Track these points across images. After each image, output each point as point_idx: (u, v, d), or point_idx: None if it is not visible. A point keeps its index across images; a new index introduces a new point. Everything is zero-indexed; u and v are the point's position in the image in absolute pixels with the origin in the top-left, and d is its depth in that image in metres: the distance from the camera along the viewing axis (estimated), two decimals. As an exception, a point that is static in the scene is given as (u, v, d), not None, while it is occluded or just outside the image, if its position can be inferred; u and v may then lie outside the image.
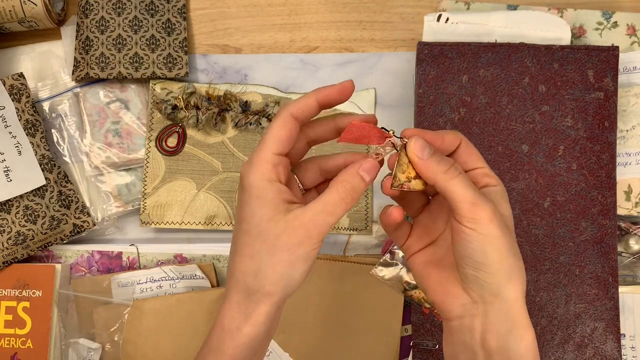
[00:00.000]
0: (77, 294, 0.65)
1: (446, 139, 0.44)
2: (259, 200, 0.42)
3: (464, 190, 0.41)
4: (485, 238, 0.41)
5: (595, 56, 0.64)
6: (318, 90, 0.44)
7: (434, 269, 0.45)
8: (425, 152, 0.42)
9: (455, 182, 0.41)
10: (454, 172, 0.41)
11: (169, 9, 0.70)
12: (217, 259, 0.67)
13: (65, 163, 0.68)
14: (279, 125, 0.42)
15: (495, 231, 0.41)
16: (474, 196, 0.41)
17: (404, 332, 0.65)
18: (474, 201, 0.40)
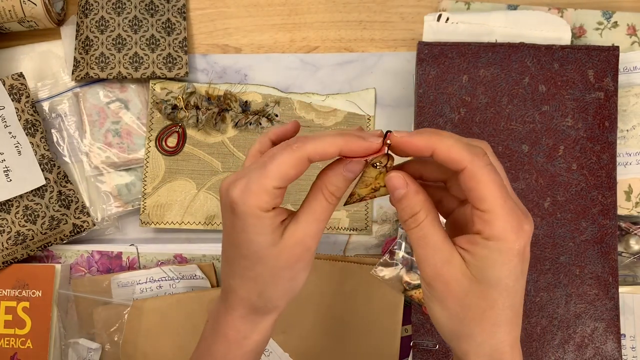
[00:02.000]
0: (77, 294, 0.65)
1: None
2: (256, 228, 0.39)
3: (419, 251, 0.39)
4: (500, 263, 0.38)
5: (595, 56, 0.64)
6: (345, 140, 0.39)
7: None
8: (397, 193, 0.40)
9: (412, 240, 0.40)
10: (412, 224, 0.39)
11: (168, 9, 0.70)
12: (217, 259, 0.67)
13: (65, 163, 0.68)
14: (291, 164, 0.39)
15: (512, 258, 0.38)
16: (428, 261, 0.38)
17: (404, 332, 0.65)
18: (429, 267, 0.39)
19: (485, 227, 0.37)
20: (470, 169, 0.37)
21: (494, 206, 0.37)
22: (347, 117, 0.69)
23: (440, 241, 0.38)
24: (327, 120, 0.69)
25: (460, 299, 0.38)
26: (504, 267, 0.37)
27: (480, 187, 0.37)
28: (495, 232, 0.37)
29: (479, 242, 0.37)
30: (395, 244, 0.65)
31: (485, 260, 0.37)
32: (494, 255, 0.37)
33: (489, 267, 0.37)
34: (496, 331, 0.39)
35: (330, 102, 0.69)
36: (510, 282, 0.38)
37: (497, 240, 0.37)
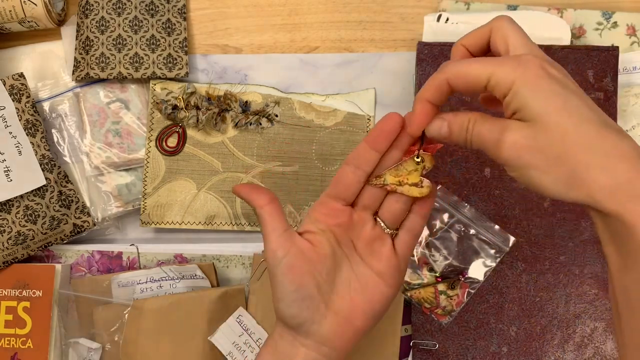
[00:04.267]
0: (77, 294, 0.65)
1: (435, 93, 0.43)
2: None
3: (484, 146, 0.41)
4: (520, 172, 0.39)
5: (595, 56, 0.64)
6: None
7: None
8: (442, 132, 0.43)
9: (475, 144, 0.42)
10: (469, 135, 0.42)
11: (169, 9, 0.70)
12: (217, 259, 0.67)
13: (66, 163, 0.68)
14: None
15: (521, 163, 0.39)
16: (490, 145, 0.40)
17: (404, 332, 0.65)
18: (493, 149, 0.40)
19: (499, 88, 0.39)
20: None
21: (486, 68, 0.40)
22: (347, 117, 0.69)
23: (491, 123, 0.40)
24: (327, 120, 0.69)
25: (541, 145, 0.38)
26: (535, 92, 0.38)
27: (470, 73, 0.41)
28: (506, 74, 0.39)
29: (508, 98, 0.39)
30: None
31: (520, 98, 0.38)
32: (521, 89, 0.38)
33: (529, 100, 0.38)
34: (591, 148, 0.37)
35: (330, 102, 0.69)
36: (556, 101, 0.38)
37: (508, 79, 0.39)
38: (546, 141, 0.38)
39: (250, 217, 0.68)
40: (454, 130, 0.43)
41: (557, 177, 0.38)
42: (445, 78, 0.42)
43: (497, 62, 0.40)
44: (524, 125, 0.39)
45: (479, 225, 0.57)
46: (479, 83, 0.40)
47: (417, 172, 0.45)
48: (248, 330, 0.63)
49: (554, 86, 0.38)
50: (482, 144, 0.41)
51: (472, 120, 0.42)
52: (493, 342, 0.63)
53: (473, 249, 0.58)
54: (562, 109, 0.38)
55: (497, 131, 0.40)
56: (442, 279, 0.58)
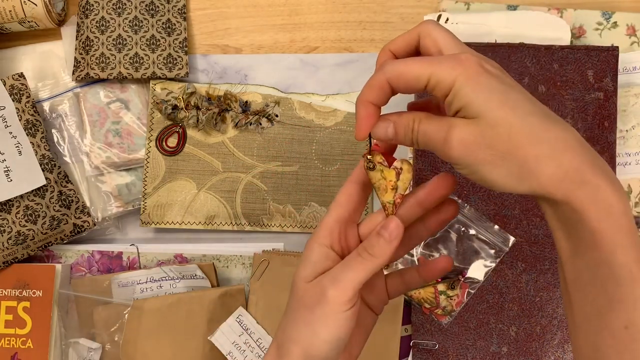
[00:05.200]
0: (77, 294, 0.65)
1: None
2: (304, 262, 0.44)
3: (431, 145, 0.40)
4: (469, 169, 0.39)
5: (595, 56, 0.64)
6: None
7: None
8: (388, 133, 0.42)
9: (421, 143, 0.41)
10: (414, 134, 0.41)
11: (169, 9, 0.70)
12: (217, 259, 0.67)
13: (66, 163, 0.68)
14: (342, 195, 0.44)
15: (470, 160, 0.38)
16: (437, 144, 0.40)
17: (404, 332, 0.65)
18: (440, 148, 0.40)
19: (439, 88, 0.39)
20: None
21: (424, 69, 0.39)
22: (347, 117, 0.69)
23: (435, 122, 0.40)
24: (327, 120, 0.69)
25: (488, 141, 0.38)
26: (477, 89, 0.38)
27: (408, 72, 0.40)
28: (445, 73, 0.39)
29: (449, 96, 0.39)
30: None
31: (463, 96, 0.38)
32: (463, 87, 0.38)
33: (471, 97, 0.38)
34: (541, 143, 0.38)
35: (330, 102, 0.69)
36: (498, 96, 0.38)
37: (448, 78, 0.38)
38: (493, 136, 0.38)
39: (250, 217, 0.68)
40: (399, 132, 0.42)
41: (508, 171, 0.38)
42: (385, 78, 0.41)
43: (436, 61, 0.39)
44: (470, 122, 0.38)
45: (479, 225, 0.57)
46: (420, 83, 0.40)
47: (385, 171, 0.43)
48: (248, 330, 0.63)
49: (494, 82, 0.38)
50: (429, 142, 0.40)
51: (416, 120, 0.41)
52: (493, 342, 0.63)
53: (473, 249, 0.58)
54: (505, 104, 0.38)
55: (443, 130, 0.39)
56: (442, 279, 0.58)
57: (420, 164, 0.65)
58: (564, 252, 0.40)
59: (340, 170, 0.69)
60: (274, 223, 0.68)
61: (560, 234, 0.40)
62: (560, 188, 0.37)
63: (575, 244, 0.39)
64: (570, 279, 0.40)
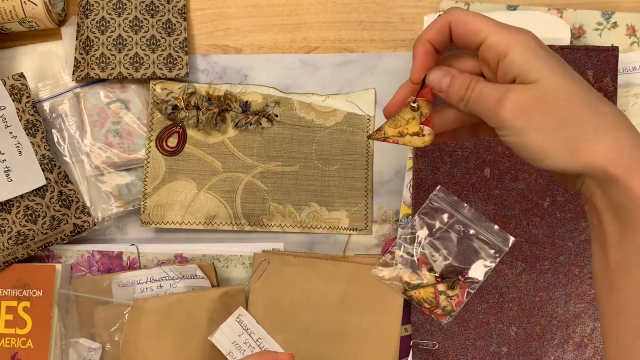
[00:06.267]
0: (77, 294, 0.65)
1: (430, 38, 0.43)
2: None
3: (481, 106, 0.40)
4: (518, 136, 0.39)
5: (594, 56, 0.64)
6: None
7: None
8: (443, 83, 0.43)
9: (471, 104, 0.41)
10: (468, 92, 0.41)
11: (169, 9, 0.70)
12: (217, 259, 0.67)
13: (66, 163, 0.68)
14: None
15: (522, 125, 0.38)
16: (489, 105, 0.40)
17: (404, 332, 0.65)
18: (492, 109, 0.40)
19: (496, 50, 0.40)
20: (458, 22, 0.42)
21: (487, 29, 0.40)
22: (347, 117, 0.69)
23: (493, 85, 0.40)
24: (327, 120, 0.69)
25: (546, 105, 0.38)
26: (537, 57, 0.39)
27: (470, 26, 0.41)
28: (503, 43, 0.39)
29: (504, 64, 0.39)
30: (395, 244, 0.65)
31: (522, 62, 0.39)
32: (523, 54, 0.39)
33: (532, 63, 0.39)
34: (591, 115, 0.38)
35: (330, 103, 0.69)
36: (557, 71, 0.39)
37: (511, 47, 0.39)
38: (552, 100, 0.38)
39: (250, 217, 0.68)
40: (454, 84, 0.42)
41: (561, 140, 0.38)
42: (448, 20, 0.42)
43: (500, 25, 0.40)
44: (528, 86, 0.38)
45: (479, 225, 0.57)
46: (478, 37, 0.40)
47: (415, 120, 0.44)
48: (248, 330, 0.63)
49: (552, 56, 0.39)
50: (481, 102, 0.40)
51: (475, 79, 0.41)
52: (493, 342, 0.63)
53: (473, 249, 0.58)
54: (566, 74, 0.38)
55: (500, 91, 0.39)
56: (441, 279, 0.58)
57: (420, 164, 0.65)
58: (610, 236, 0.39)
59: (340, 170, 0.69)
60: (274, 223, 0.68)
61: (609, 217, 0.39)
62: (618, 164, 0.37)
63: (624, 227, 0.38)
64: (615, 262, 0.39)
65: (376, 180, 0.69)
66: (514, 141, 0.40)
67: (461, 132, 0.47)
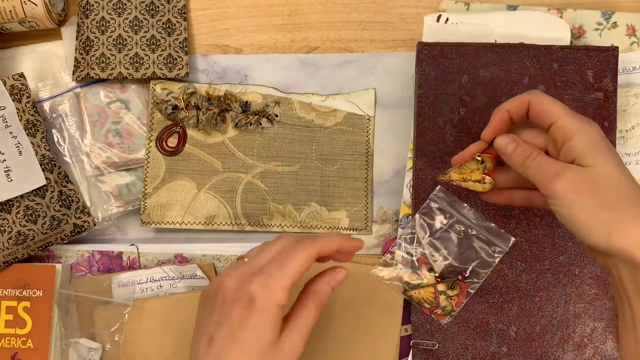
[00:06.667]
0: (77, 294, 0.65)
1: (510, 109, 0.50)
2: (270, 325, 0.43)
3: (539, 175, 0.47)
4: (566, 208, 0.45)
5: (594, 56, 0.64)
6: (342, 238, 0.49)
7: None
8: (508, 148, 0.49)
9: (531, 171, 0.47)
10: (528, 161, 0.48)
11: (169, 9, 0.70)
12: (217, 259, 0.67)
13: (66, 163, 0.68)
14: (304, 261, 0.45)
15: (572, 199, 0.44)
16: (545, 175, 0.46)
17: (404, 331, 0.65)
18: (546, 179, 0.46)
19: (565, 132, 0.47)
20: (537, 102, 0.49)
21: (560, 113, 0.47)
22: (347, 117, 0.69)
23: (553, 160, 0.47)
24: (327, 120, 0.69)
25: (597, 187, 0.44)
26: (598, 146, 0.45)
27: (546, 108, 0.48)
28: (572, 128, 0.46)
29: (568, 146, 0.46)
30: (395, 244, 0.65)
31: (583, 147, 0.45)
32: (586, 141, 0.46)
33: (592, 150, 0.45)
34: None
35: (330, 103, 0.70)
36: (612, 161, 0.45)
37: (577, 133, 0.46)
38: (602, 185, 0.44)
39: (250, 217, 0.68)
40: (517, 151, 0.49)
41: (604, 220, 0.43)
42: (529, 98, 0.49)
43: (570, 112, 0.47)
44: (584, 169, 0.45)
45: (479, 225, 0.57)
46: (550, 117, 0.47)
47: (478, 170, 0.53)
48: (248, 330, 0.63)
49: (610, 147, 0.46)
50: (539, 172, 0.47)
51: (536, 150, 0.48)
52: (493, 342, 0.63)
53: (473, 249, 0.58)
54: (618, 164, 0.45)
55: (559, 166, 0.46)
56: (441, 279, 0.58)
57: (420, 164, 0.65)
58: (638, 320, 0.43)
59: (340, 170, 0.69)
60: (274, 223, 0.68)
61: (638, 300, 0.43)
62: None
63: None
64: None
65: (376, 180, 0.69)
66: (561, 211, 0.46)
67: (518, 196, 0.54)
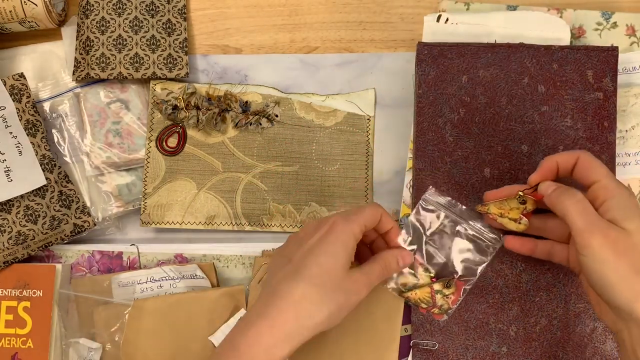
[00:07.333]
0: (77, 294, 0.65)
1: (559, 160, 0.53)
2: (345, 246, 0.51)
3: (577, 218, 0.47)
4: (599, 263, 0.46)
5: (594, 56, 0.64)
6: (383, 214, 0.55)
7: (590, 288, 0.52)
8: (550, 189, 0.51)
9: (570, 210, 0.48)
10: (569, 200, 0.49)
11: (169, 10, 0.70)
12: (217, 259, 0.67)
13: (66, 163, 0.68)
14: (372, 215, 0.53)
15: (608, 256, 0.46)
16: (585, 223, 0.47)
17: (404, 332, 0.65)
18: (585, 228, 0.46)
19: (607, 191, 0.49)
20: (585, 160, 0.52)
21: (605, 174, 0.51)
22: (347, 117, 0.69)
23: (596, 214, 0.48)
24: (327, 120, 0.69)
25: (629, 254, 0.46)
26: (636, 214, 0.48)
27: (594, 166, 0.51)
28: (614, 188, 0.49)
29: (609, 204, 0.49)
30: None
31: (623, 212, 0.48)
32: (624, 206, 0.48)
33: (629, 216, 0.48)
34: None
35: (330, 103, 0.70)
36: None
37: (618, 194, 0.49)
38: (633, 250, 0.46)
39: (250, 217, 0.68)
40: (555, 194, 0.50)
41: (631, 285, 0.45)
42: (577, 156, 0.51)
43: (612, 175, 0.50)
44: (626, 232, 0.47)
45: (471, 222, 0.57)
46: (594, 176, 0.50)
47: (518, 209, 0.55)
48: (248, 330, 0.63)
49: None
50: (582, 218, 0.48)
51: (583, 197, 0.49)
52: (493, 342, 0.63)
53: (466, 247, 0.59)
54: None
55: (602, 222, 0.47)
56: (437, 278, 0.58)
57: (420, 164, 0.65)
58: None
59: (340, 170, 0.69)
60: (274, 223, 0.68)
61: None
62: None
63: None
64: None
65: (376, 180, 0.69)
66: (591, 266, 0.47)
67: (541, 247, 0.57)
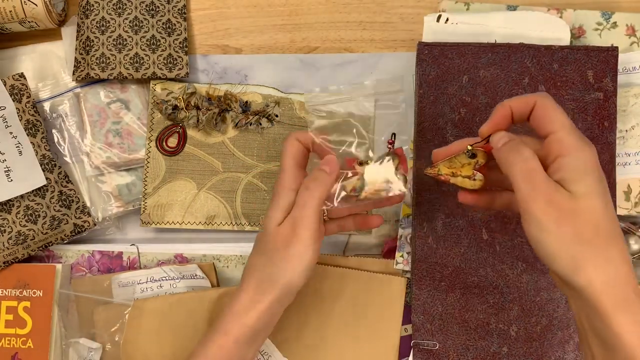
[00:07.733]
0: (77, 294, 0.65)
1: (514, 106, 0.47)
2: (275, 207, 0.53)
3: (521, 181, 0.43)
4: (539, 231, 0.42)
5: (594, 56, 0.64)
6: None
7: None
8: (500, 142, 0.47)
9: (514, 172, 0.44)
10: (515, 159, 0.44)
11: (169, 10, 0.70)
12: (217, 259, 0.67)
13: (66, 163, 0.68)
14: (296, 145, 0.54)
15: (549, 223, 0.41)
16: (528, 188, 0.42)
17: (404, 331, 0.65)
18: (528, 193, 0.42)
19: (561, 147, 0.43)
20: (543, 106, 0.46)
21: (563, 124, 0.44)
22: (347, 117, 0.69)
23: (546, 176, 0.43)
24: (327, 120, 0.69)
25: (571, 222, 0.41)
26: (588, 177, 0.42)
27: (551, 115, 0.45)
28: (570, 144, 0.43)
29: (560, 163, 0.43)
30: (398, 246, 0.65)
31: (575, 172, 0.42)
32: (576, 166, 0.42)
33: (582, 178, 0.42)
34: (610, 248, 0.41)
35: (330, 103, 0.70)
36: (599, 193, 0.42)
37: (574, 152, 0.43)
38: (583, 219, 0.41)
39: (250, 217, 0.68)
40: (504, 149, 0.46)
41: (572, 255, 0.41)
42: (535, 99, 0.46)
43: (573, 127, 0.44)
44: (571, 198, 0.42)
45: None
46: (551, 126, 0.44)
47: (469, 165, 0.49)
48: (248, 330, 0.63)
49: (602, 177, 0.43)
50: (526, 181, 0.43)
51: (533, 155, 0.45)
52: (493, 342, 0.63)
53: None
54: (606, 199, 0.42)
55: (548, 186, 0.43)
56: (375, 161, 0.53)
57: (420, 164, 0.65)
58: (598, 357, 0.43)
59: (340, 170, 0.69)
60: (274, 223, 0.68)
61: (596, 341, 0.42)
62: (607, 294, 0.40)
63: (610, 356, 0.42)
64: None
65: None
66: (532, 232, 0.42)
67: (499, 199, 0.52)
